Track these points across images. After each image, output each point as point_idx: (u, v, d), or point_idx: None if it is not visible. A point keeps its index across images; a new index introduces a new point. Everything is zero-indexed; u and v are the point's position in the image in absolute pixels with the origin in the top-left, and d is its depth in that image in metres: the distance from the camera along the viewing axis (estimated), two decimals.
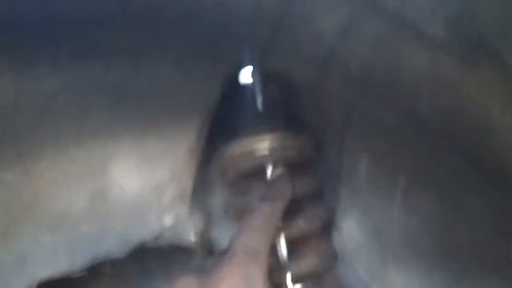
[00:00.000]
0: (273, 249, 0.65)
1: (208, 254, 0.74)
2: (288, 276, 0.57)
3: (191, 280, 0.43)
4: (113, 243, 0.63)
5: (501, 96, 0.50)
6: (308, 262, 0.60)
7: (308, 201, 0.75)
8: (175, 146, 0.66)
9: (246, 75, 0.71)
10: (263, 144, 0.62)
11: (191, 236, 0.66)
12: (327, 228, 0.71)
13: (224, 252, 0.46)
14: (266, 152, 0.63)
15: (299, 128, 0.73)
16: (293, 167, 0.69)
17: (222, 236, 0.73)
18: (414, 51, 0.53)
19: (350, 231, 0.69)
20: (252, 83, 0.70)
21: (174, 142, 0.66)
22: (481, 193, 0.61)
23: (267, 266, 0.47)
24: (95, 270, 0.63)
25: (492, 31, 0.43)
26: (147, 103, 0.64)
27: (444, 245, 0.64)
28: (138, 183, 0.65)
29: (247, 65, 0.65)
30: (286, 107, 0.76)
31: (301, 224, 0.61)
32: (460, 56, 0.50)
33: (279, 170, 0.65)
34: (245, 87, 0.71)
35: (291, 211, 0.70)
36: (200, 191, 0.72)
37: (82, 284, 0.76)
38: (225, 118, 0.71)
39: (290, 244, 0.66)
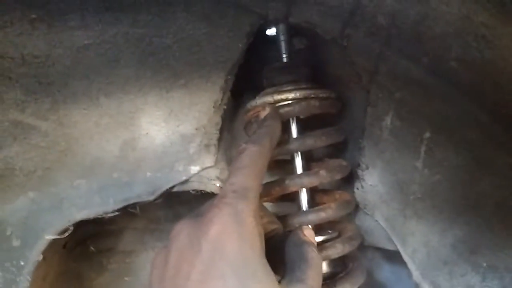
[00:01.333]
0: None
1: None
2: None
3: (186, 223, 0.45)
4: (142, 188, 0.67)
5: None
6: (328, 210, 0.62)
7: (331, 152, 0.76)
8: (200, 99, 0.67)
9: (271, 28, 0.70)
10: (286, 95, 0.63)
11: (216, 183, 0.69)
12: (349, 179, 0.72)
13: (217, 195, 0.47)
14: (289, 103, 0.63)
15: (324, 80, 0.73)
16: (317, 119, 0.69)
17: None
18: (445, 0, 0.51)
19: (373, 183, 0.70)
20: (278, 35, 0.69)
21: (200, 96, 0.67)
22: (508, 148, 0.60)
23: (259, 202, 0.48)
24: (127, 211, 0.67)
25: None
26: (173, 57, 0.65)
27: (467, 198, 0.64)
28: (166, 134, 0.67)
29: (273, 17, 0.64)
30: (311, 60, 0.75)
31: (323, 174, 0.63)
32: (493, 3, 0.47)
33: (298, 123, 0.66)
34: (270, 39, 0.71)
35: (314, 161, 0.72)
36: (225, 142, 0.74)
37: (115, 224, 0.82)
38: (251, 70, 0.72)
39: (311, 193, 0.68)
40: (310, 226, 0.57)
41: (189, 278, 0.40)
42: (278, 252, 0.49)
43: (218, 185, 0.69)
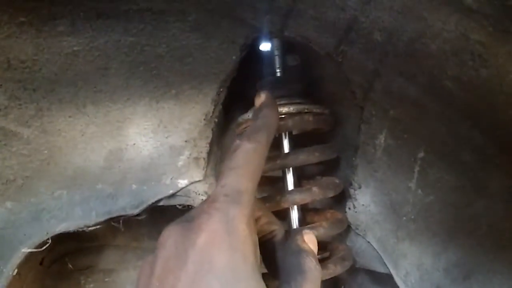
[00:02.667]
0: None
1: None
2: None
3: (174, 229, 0.41)
4: (127, 201, 0.64)
5: None
6: (319, 229, 0.60)
7: (323, 170, 0.75)
8: (191, 110, 0.66)
9: (266, 43, 0.70)
10: (279, 109, 0.61)
11: (204, 199, 0.66)
12: (341, 199, 0.71)
13: (207, 198, 0.43)
14: (282, 117, 0.62)
15: (318, 97, 0.72)
16: (310, 136, 0.68)
17: None
18: (442, 17, 0.51)
19: (365, 202, 0.68)
20: (272, 50, 0.69)
21: (191, 107, 0.65)
22: (503, 170, 0.59)
23: (253, 206, 0.43)
24: (109, 227, 0.64)
25: None
26: (165, 67, 0.63)
27: (460, 220, 0.62)
28: (154, 145, 0.65)
29: (267, 32, 0.63)
30: (305, 75, 0.75)
31: (315, 191, 0.61)
32: (491, 22, 0.47)
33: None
34: (265, 54, 0.70)
35: (305, 179, 0.70)
36: (215, 156, 0.72)
37: (95, 241, 0.79)
38: (244, 84, 0.70)
39: (302, 211, 0.66)
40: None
41: None
42: (276, 256, 0.45)
43: None
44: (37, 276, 0.78)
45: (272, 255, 0.44)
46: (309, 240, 0.46)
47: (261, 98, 0.54)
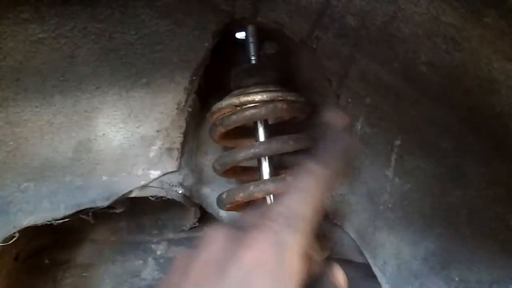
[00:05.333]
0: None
1: (197, 210, 0.74)
2: None
3: (223, 234, 0.38)
4: (97, 193, 0.62)
5: (506, 50, 0.46)
6: None
7: (299, 159, 0.73)
8: (163, 100, 0.64)
9: (240, 31, 0.68)
10: (253, 97, 0.60)
11: (179, 190, 0.65)
12: None
13: (265, 211, 0.39)
14: (256, 105, 0.60)
15: (295, 85, 0.70)
16: (287, 125, 0.66)
17: (213, 193, 0.72)
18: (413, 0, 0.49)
19: (343, 192, 0.67)
20: (247, 37, 0.67)
21: (162, 96, 0.64)
22: (480, 157, 0.58)
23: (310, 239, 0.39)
24: (84, 220, 0.63)
25: None
26: (135, 55, 0.62)
27: (438, 209, 0.61)
28: (124, 136, 0.64)
29: (240, 16, 0.62)
30: (282, 64, 0.73)
31: (290, 181, 0.60)
32: (462, 3, 0.46)
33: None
34: (239, 43, 0.69)
35: (283, 169, 0.69)
36: (191, 147, 0.71)
37: (72, 235, 0.77)
38: (219, 74, 0.69)
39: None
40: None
41: None
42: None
43: (180, 191, 0.65)
44: (12, 271, 0.76)
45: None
46: (341, 278, 0.44)
47: (341, 119, 0.50)
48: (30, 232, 0.64)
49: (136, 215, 0.85)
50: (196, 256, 0.37)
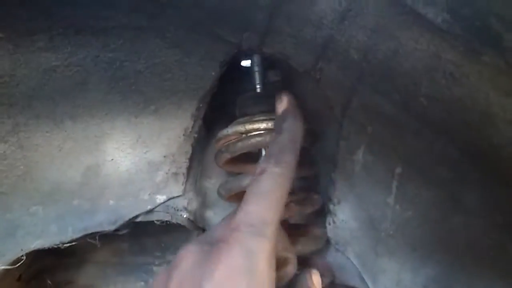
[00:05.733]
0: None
1: (200, 233, 0.74)
2: None
3: (193, 251, 0.39)
4: (104, 217, 0.64)
5: (504, 86, 0.48)
6: (297, 246, 0.60)
7: (303, 186, 0.75)
8: (170, 126, 0.66)
9: (245, 59, 0.70)
10: (258, 125, 0.62)
11: (184, 215, 0.66)
12: (320, 214, 0.71)
13: (229, 221, 0.39)
14: (261, 133, 0.62)
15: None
16: None
17: (216, 216, 0.74)
18: (414, 37, 0.52)
19: (345, 218, 0.68)
20: (252, 66, 0.69)
21: (170, 123, 0.65)
22: (478, 185, 0.60)
23: (276, 238, 0.39)
24: (88, 242, 0.63)
25: (492, 14, 0.42)
26: (144, 83, 0.63)
27: (438, 236, 0.63)
28: (132, 161, 0.65)
29: (246, 47, 0.64)
30: (284, 90, 0.75)
31: (292, 206, 0.61)
32: (461, 42, 0.48)
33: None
34: (244, 70, 0.71)
35: None
36: (195, 172, 0.72)
37: (75, 256, 0.77)
38: (224, 100, 0.71)
39: (281, 227, 0.66)
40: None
41: None
42: None
43: (185, 216, 0.66)
44: None
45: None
46: (317, 282, 0.45)
47: (283, 102, 0.50)
48: (33, 254, 0.64)
49: (138, 237, 0.86)
50: (172, 273, 0.38)
